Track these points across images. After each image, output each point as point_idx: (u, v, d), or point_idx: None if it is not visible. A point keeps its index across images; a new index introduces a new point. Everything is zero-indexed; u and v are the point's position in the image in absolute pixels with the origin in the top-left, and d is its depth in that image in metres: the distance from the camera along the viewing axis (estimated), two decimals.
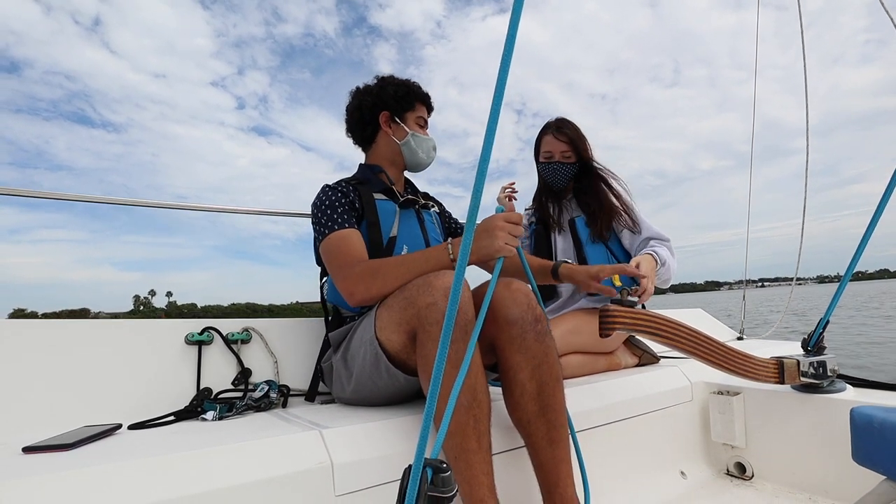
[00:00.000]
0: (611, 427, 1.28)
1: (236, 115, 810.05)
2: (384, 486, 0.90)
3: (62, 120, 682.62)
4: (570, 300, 1.71)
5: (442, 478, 0.57)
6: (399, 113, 1.41)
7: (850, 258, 1.19)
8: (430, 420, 0.53)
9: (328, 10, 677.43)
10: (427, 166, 1.48)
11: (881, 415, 0.91)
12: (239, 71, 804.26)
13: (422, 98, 1.44)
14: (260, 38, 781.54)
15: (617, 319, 1.12)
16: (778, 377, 1.26)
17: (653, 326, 1.14)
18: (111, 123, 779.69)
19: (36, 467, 0.73)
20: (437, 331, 0.92)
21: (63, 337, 1.12)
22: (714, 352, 1.19)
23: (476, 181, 0.50)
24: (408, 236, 1.34)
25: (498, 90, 0.46)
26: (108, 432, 0.96)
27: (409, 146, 1.41)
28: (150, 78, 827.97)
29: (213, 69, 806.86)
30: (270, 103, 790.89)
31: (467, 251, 0.56)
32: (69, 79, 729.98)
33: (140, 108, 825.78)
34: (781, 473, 1.34)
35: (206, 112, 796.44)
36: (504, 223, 1.02)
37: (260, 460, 0.81)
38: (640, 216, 1.70)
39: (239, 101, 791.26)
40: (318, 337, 1.43)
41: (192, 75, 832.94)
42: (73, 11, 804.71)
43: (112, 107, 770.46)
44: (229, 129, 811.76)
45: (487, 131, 0.49)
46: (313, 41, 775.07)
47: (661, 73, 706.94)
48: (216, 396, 1.21)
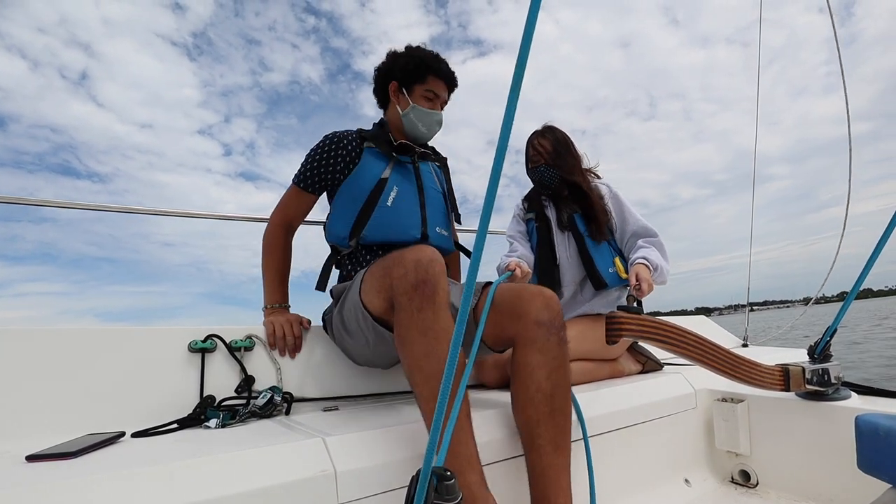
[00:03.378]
0: (614, 434, 1.28)
1: (223, 162, 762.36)
2: (387, 493, 0.89)
3: (47, 172, 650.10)
4: (573, 301, 1.70)
5: (447, 486, 0.57)
6: (407, 84, 1.46)
7: (861, 269, 1.18)
8: (439, 427, 0.53)
9: (313, 58, 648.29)
10: (427, 139, 1.54)
11: (886, 422, 0.90)
12: (226, 119, 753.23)
13: (435, 71, 1.47)
14: (246, 87, 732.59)
15: (624, 326, 1.12)
16: (783, 384, 1.25)
17: (659, 333, 1.14)
18: (97, 174, 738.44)
19: (39, 475, 0.73)
20: (406, 301, 0.97)
21: (66, 345, 1.12)
22: (720, 359, 1.18)
23: (490, 184, 0.50)
24: (399, 180, 1.43)
25: (508, 114, 0.46)
26: (112, 440, 0.96)
27: (409, 118, 1.47)
28: (137, 128, 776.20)
29: (199, 118, 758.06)
30: (257, 149, 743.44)
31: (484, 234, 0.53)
32: (55, 132, 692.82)
33: (127, 158, 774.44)
34: (786, 481, 1.33)
35: (193, 159, 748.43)
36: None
37: (263, 468, 0.81)
38: (628, 205, 1.69)
39: (226, 148, 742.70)
40: (323, 343, 1.43)
41: (179, 124, 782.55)
42: (60, 67, 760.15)
43: (98, 157, 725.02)
44: (216, 176, 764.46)
45: (500, 142, 0.49)
46: (299, 88, 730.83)
47: (638, 107, 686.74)
48: (219, 404, 1.21)
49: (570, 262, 1.69)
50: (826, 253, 2.74)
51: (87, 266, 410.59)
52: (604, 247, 1.66)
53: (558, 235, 1.73)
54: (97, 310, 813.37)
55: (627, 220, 1.67)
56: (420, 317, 0.95)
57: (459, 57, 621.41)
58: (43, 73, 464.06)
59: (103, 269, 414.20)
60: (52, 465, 0.79)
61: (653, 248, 1.58)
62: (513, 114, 0.46)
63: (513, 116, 0.46)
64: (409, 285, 0.97)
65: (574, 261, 1.68)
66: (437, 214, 1.49)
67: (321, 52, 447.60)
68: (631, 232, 1.66)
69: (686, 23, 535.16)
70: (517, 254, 1.74)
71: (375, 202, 1.37)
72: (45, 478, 0.71)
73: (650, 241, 1.61)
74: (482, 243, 0.51)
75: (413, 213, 1.42)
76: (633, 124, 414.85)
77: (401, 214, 1.40)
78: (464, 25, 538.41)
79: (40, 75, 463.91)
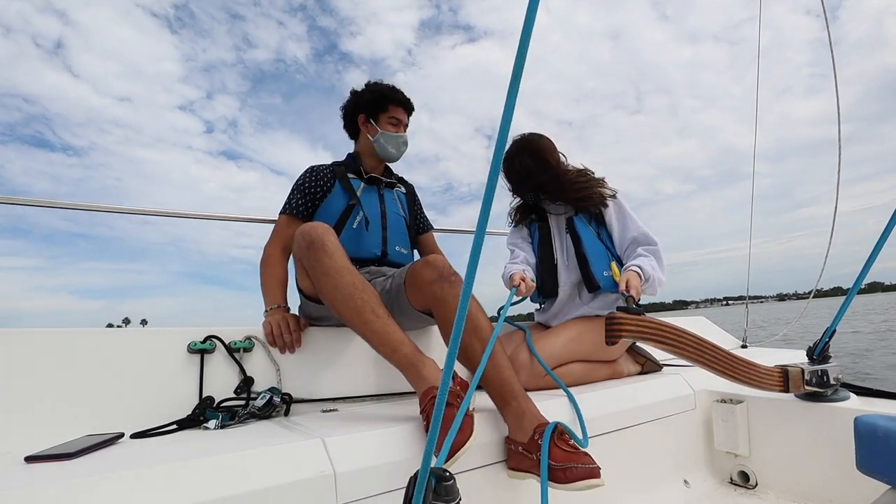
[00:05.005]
0: (613, 436, 1.28)
1: (205, 139, 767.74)
2: (386, 494, 0.89)
3: (18, 143, 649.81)
4: (570, 303, 1.70)
5: (445, 486, 0.57)
6: (373, 114, 1.71)
7: (860, 270, 1.18)
8: (437, 429, 0.53)
9: (299, 36, 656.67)
10: (398, 158, 1.77)
11: (885, 423, 0.90)
12: (208, 95, 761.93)
13: (394, 101, 1.71)
14: (230, 63, 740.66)
15: (623, 327, 1.12)
16: (783, 385, 1.25)
17: (658, 334, 1.14)
18: (72, 147, 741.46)
19: (38, 476, 0.73)
20: (308, 261, 1.21)
21: (65, 346, 1.12)
22: (719, 360, 1.18)
23: (488, 183, 0.51)
24: (367, 205, 1.66)
25: (509, 99, 0.46)
26: (111, 441, 0.96)
27: (380, 142, 1.71)
28: (115, 101, 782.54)
29: (180, 93, 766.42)
30: (240, 127, 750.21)
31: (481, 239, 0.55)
32: (28, 102, 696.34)
33: (103, 132, 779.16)
34: (785, 482, 1.33)
35: (174, 136, 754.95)
36: None
37: (262, 469, 0.81)
38: (629, 212, 1.68)
39: (208, 125, 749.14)
40: (321, 345, 1.43)
41: (159, 99, 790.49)
42: (34, 34, 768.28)
43: (73, 130, 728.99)
44: (197, 153, 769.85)
45: (500, 134, 0.49)
46: (284, 67, 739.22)
47: (625, 100, 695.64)
48: (218, 405, 1.21)
49: (568, 264, 1.69)
50: (801, 251, 2.78)
51: (61, 241, 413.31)
52: (601, 250, 1.65)
53: (557, 237, 1.73)
54: (71, 286, 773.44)
55: (628, 226, 1.65)
56: (320, 266, 1.18)
57: (449, 42, 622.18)
58: (15, 40, 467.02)
59: (79, 246, 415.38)
60: (52, 466, 0.79)
61: (650, 258, 1.55)
62: (510, 115, 0.46)
63: (511, 117, 0.46)
64: (304, 249, 1.22)
65: (571, 263, 1.68)
66: (396, 235, 1.72)
67: (308, 30, 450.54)
68: (631, 238, 1.63)
69: (676, 18, 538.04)
70: (520, 259, 1.73)
71: (344, 224, 1.60)
72: (44, 479, 0.71)
73: (649, 250, 1.59)
74: (480, 243, 0.51)
75: (375, 234, 1.65)
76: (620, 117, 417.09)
77: (364, 235, 1.62)
78: (454, 10, 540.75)
79: (12, 41, 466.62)
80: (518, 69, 0.45)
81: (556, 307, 1.71)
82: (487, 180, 0.49)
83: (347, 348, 1.46)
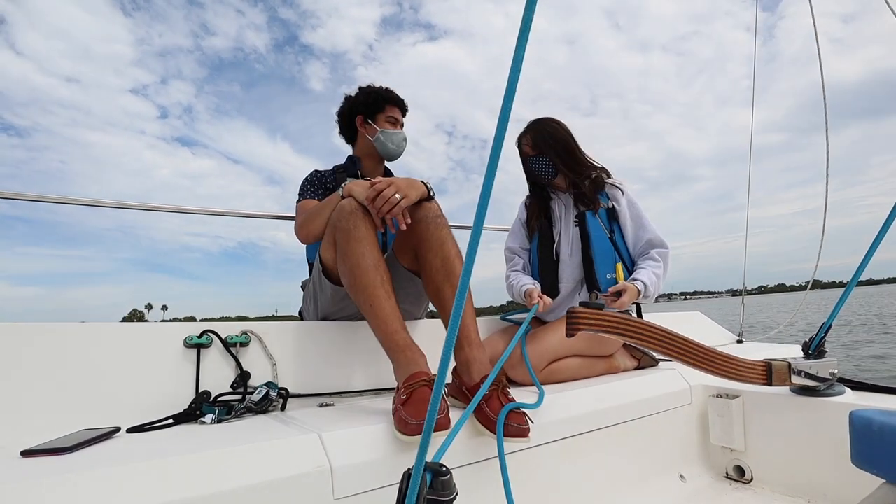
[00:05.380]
0: (609, 430, 1.28)
1: (158, 125, 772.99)
2: (383, 489, 0.90)
3: None
4: (570, 299, 1.71)
5: (441, 481, 0.57)
6: (371, 115, 1.75)
7: (858, 265, 1.19)
8: (433, 423, 0.53)
9: (259, 26, 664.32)
10: (399, 155, 1.80)
11: (880, 418, 0.91)
12: (162, 80, 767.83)
13: (390, 100, 1.76)
14: (186, 50, 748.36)
15: (581, 320, 1.12)
16: (765, 379, 1.25)
17: (618, 327, 1.14)
18: (13, 127, 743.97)
19: (34, 471, 0.72)
20: (344, 223, 1.22)
21: (61, 340, 1.12)
22: (691, 352, 1.17)
23: (486, 177, 0.50)
24: None
25: (509, 90, 0.46)
26: (107, 436, 0.95)
27: (380, 141, 1.74)
28: (62, 82, 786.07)
29: (133, 76, 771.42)
30: (196, 114, 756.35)
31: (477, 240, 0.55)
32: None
33: (48, 113, 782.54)
34: (781, 477, 1.34)
35: (125, 119, 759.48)
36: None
37: (258, 463, 0.81)
38: (644, 212, 1.72)
39: (162, 111, 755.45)
40: (318, 339, 1.43)
41: (110, 82, 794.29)
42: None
43: (14, 109, 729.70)
44: (150, 139, 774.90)
45: (495, 143, 0.49)
46: (243, 55, 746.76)
47: (580, 103, 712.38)
48: (215, 399, 1.21)
49: (572, 261, 1.69)
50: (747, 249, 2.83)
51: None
52: (608, 250, 1.65)
53: (563, 232, 1.73)
54: (7, 272, 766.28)
55: (646, 226, 1.70)
56: (357, 231, 1.21)
57: (410, 39, 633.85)
58: None
59: (18, 230, 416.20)
60: (47, 461, 0.79)
61: (659, 266, 1.63)
62: (508, 115, 0.45)
63: (508, 117, 0.46)
64: (348, 213, 1.24)
65: (576, 260, 1.68)
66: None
67: (268, 21, 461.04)
68: (646, 239, 1.69)
69: (627, 28, 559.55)
70: (520, 268, 1.81)
71: None
72: (40, 473, 0.71)
73: (661, 254, 1.66)
74: (477, 244, 0.50)
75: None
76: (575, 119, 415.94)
77: None
78: (415, 8, 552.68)
79: None
80: (516, 70, 0.44)
81: (555, 302, 1.72)
82: (485, 180, 0.48)
83: (344, 343, 1.46)
